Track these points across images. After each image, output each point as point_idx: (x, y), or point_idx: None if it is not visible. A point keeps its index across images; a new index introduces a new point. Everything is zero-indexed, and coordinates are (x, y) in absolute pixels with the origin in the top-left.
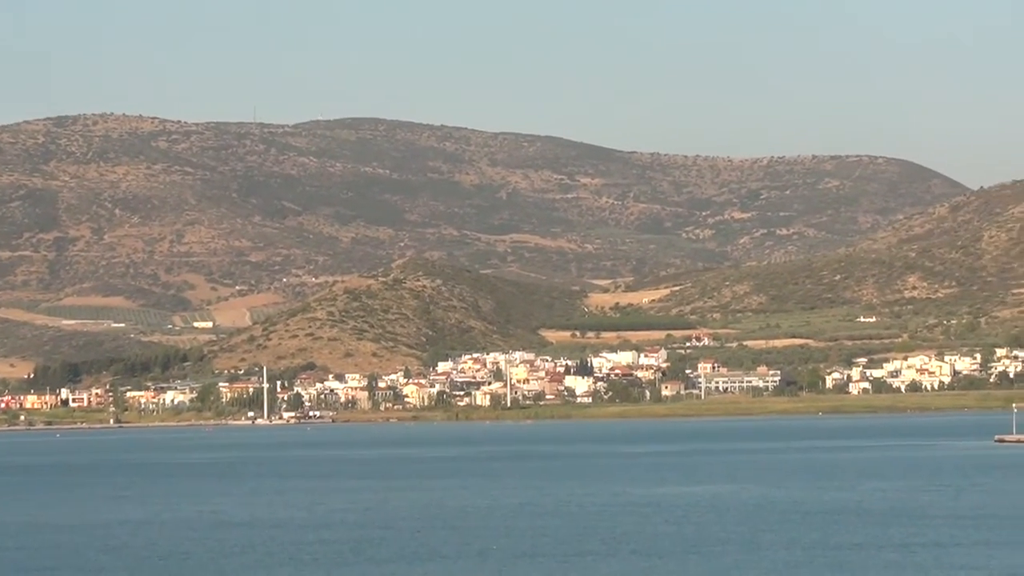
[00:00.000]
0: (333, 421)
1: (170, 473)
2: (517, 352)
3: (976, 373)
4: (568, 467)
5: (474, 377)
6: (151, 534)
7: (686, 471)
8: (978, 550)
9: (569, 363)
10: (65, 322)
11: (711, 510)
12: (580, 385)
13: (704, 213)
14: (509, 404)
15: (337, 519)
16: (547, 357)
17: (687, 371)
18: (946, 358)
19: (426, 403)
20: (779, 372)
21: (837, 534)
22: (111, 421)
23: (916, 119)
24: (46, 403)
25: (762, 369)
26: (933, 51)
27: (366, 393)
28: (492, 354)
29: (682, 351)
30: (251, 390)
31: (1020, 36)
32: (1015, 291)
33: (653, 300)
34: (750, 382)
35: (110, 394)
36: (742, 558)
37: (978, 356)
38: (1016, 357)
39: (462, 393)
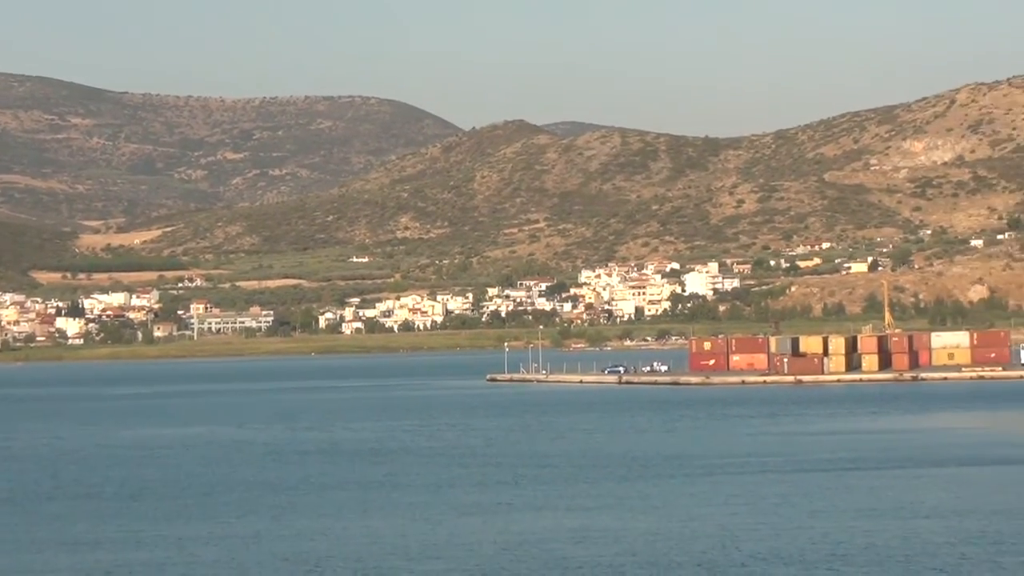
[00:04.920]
0: None
1: None
2: (7, 294)
3: (468, 312)
4: (50, 409)
5: None
6: None
7: (170, 412)
8: (443, 490)
9: (60, 304)
10: None
11: (187, 451)
12: (71, 327)
13: (197, 154)
14: None
15: None
16: (38, 299)
17: (180, 312)
18: (439, 298)
19: None
20: (272, 312)
21: (312, 474)
22: None
23: (407, 60)
24: None
25: (255, 309)
26: None
27: None
28: None
29: (175, 292)
30: None
31: None
32: (506, 231)
33: (145, 241)
34: (243, 322)
35: None
36: (209, 499)
37: (470, 296)
38: (507, 297)
39: None
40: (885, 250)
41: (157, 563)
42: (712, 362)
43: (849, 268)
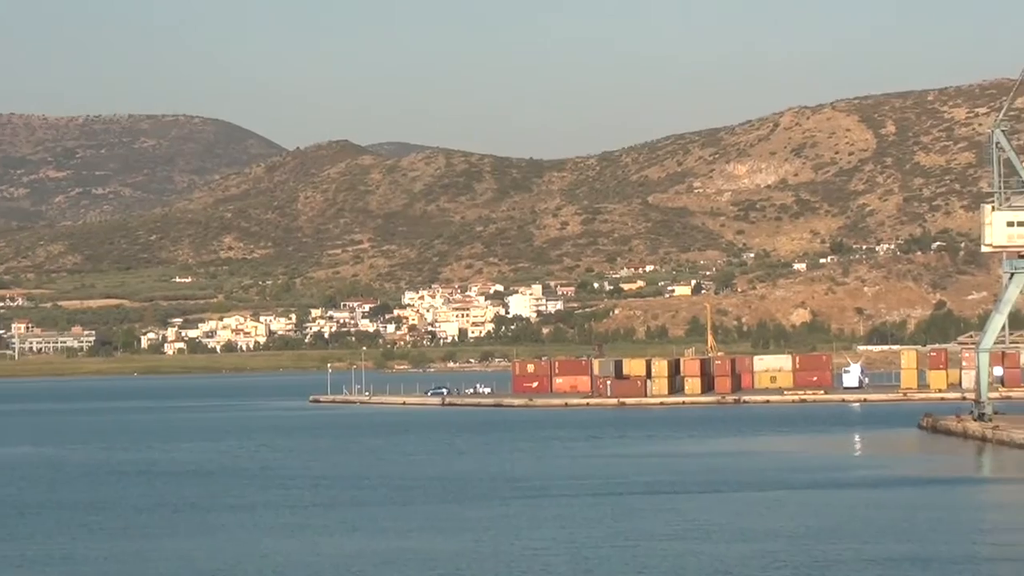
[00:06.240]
0: None
1: None
2: None
3: (291, 333)
4: None
5: None
6: None
7: None
8: (257, 512)
9: None
10: None
11: (2, 471)
12: None
13: (18, 171)
14: None
15: None
16: None
17: (1, 332)
18: (262, 318)
19: None
20: (94, 332)
21: (127, 495)
22: None
23: (231, 79)
24: None
25: (77, 329)
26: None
27: None
28: None
29: None
30: None
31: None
32: (330, 252)
33: None
34: (65, 342)
35: None
36: (22, 520)
37: (293, 317)
38: (331, 317)
39: None
40: (708, 273)
41: None
42: (535, 384)
43: (672, 291)
